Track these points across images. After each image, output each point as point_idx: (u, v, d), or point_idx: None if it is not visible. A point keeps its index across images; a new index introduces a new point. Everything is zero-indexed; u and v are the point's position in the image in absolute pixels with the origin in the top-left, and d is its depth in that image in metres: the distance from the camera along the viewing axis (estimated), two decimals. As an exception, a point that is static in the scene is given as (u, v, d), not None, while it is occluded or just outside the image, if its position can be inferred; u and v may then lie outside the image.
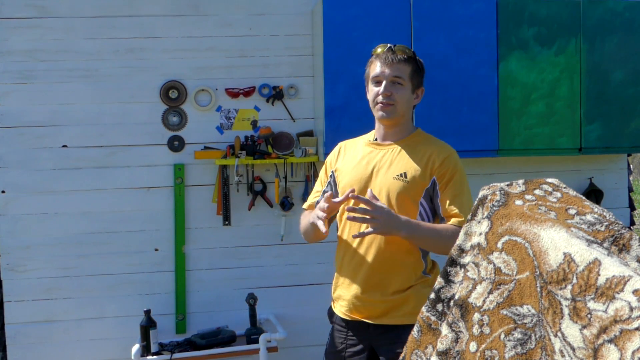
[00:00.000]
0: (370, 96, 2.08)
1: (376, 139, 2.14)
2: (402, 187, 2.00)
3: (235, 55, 3.46)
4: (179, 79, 3.41)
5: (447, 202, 2.00)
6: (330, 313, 2.22)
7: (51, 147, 3.31)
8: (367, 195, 1.93)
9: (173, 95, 3.40)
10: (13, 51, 3.27)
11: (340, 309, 2.13)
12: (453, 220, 1.98)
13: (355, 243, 2.07)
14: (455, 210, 1.98)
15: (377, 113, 2.07)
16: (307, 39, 3.51)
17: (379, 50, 2.07)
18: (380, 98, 2.02)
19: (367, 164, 2.09)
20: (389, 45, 2.05)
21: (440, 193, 2.01)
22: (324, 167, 2.27)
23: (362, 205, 1.91)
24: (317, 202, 2.12)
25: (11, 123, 3.28)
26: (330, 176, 2.20)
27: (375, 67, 2.05)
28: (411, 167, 2.02)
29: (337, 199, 1.98)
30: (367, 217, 1.88)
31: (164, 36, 3.40)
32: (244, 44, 3.46)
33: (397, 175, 2.02)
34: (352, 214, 1.89)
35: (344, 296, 2.10)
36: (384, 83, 2.02)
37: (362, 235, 1.93)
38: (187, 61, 3.42)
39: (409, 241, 1.97)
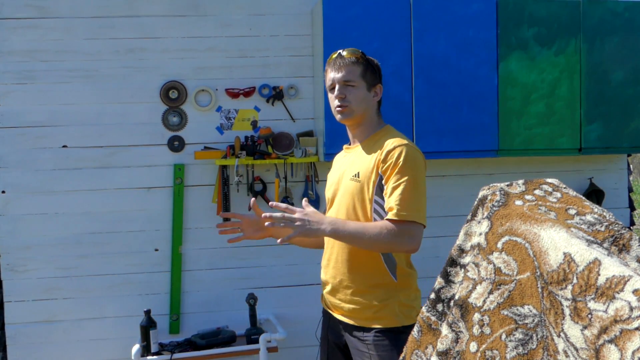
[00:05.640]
0: (330, 104, 2.11)
1: (349, 144, 2.20)
2: (356, 187, 2.02)
3: (235, 55, 3.46)
4: (179, 79, 3.41)
5: (387, 194, 1.93)
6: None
7: (51, 147, 3.31)
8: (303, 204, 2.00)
9: (173, 96, 3.40)
10: (13, 51, 3.27)
11: (323, 301, 2.20)
12: (389, 214, 1.90)
13: (328, 242, 2.12)
14: (391, 204, 1.90)
15: (336, 117, 2.09)
16: (307, 39, 3.50)
17: (331, 58, 2.10)
18: (336, 102, 2.06)
19: (338, 169, 2.16)
20: (338, 51, 2.08)
21: (385, 186, 1.95)
22: None
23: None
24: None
25: (11, 123, 3.28)
26: None
27: (329, 75, 2.09)
28: (363, 166, 2.02)
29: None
30: (285, 220, 1.93)
31: (164, 36, 3.40)
32: (244, 44, 3.46)
33: (352, 176, 2.04)
34: (269, 220, 1.94)
35: (323, 290, 2.17)
36: (336, 87, 2.05)
37: (284, 240, 1.95)
38: (187, 61, 3.42)
39: (337, 240, 1.98)
